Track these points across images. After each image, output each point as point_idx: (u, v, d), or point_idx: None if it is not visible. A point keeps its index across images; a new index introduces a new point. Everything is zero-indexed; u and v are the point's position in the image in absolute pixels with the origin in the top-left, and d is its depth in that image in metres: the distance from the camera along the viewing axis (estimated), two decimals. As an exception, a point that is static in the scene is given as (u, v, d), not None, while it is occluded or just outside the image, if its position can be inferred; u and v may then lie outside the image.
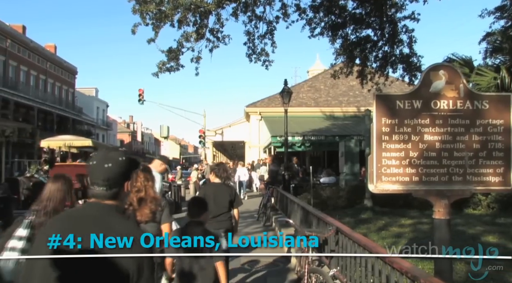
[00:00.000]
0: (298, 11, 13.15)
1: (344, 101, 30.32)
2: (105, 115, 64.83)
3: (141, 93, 32.57)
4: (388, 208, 11.95)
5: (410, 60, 13.54)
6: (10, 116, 33.86)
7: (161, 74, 12.11)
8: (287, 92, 17.08)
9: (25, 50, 41.17)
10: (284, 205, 12.07)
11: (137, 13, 10.96)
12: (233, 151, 44.99)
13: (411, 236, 8.57)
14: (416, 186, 4.34)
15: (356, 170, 16.53)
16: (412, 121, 4.38)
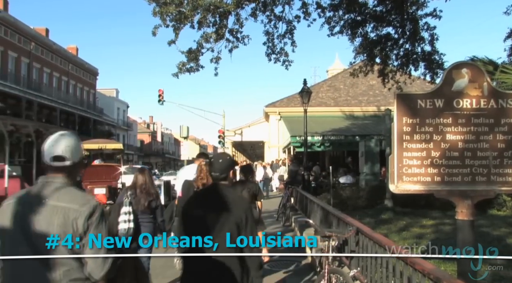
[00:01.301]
0: (319, 9, 13.09)
1: (364, 100, 30.08)
2: (125, 116, 65.60)
3: (161, 93, 32.84)
4: (409, 209, 11.80)
5: (432, 58, 13.32)
6: (34, 117, 34.53)
7: (181, 75, 12.19)
8: (306, 92, 17.01)
9: (48, 53, 41.96)
10: (303, 205, 12.02)
11: (157, 15, 11.06)
12: (252, 151, 45.06)
13: (433, 237, 8.45)
14: (438, 186, 4.27)
15: (376, 170, 16.38)
16: (434, 121, 4.31)
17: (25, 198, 2.36)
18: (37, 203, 2.28)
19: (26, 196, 2.38)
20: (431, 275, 3.25)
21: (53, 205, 2.27)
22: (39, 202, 2.28)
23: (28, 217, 2.27)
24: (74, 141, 2.45)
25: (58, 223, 2.25)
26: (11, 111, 32.13)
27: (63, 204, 2.28)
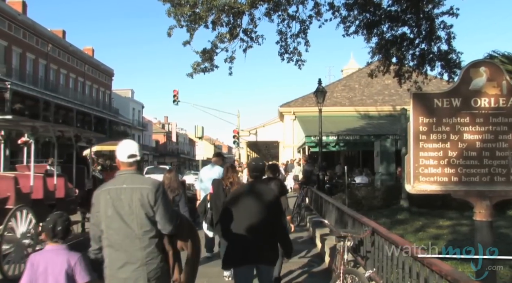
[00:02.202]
0: (332, 9, 13.02)
1: (379, 100, 29.88)
2: (140, 116, 66.16)
3: (176, 94, 33.04)
4: (426, 209, 11.67)
5: (449, 57, 13.14)
6: (51, 118, 35.00)
7: (195, 75, 12.26)
8: (321, 92, 16.96)
9: (65, 54, 42.53)
10: (318, 205, 11.98)
11: (171, 16, 11.12)
12: (267, 151, 45.07)
13: (450, 238, 8.34)
14: (456, 186, 4.22)
15: (392, 169, 16.26)
16: (451, 120, 4.26)
17: (111, 186, 3.46)
18: (119, 188, 3.39)
19: (111, 185, 3.48)
20: (449, 276, 3.20)
21: (131, 187, 3.37)
22: (120, 187, 3.39)
23: (116, 198, 3.36)
24: (137, 144, 3.69)
25: (137, 198, 3.33)
26: (29, 112, 32.61)
27: (138, 186, 3.39)
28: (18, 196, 7.57)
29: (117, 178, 3.50)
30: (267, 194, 4.63)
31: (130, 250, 3.32)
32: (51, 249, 3.37)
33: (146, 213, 3.33)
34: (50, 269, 3.25)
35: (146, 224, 3.34)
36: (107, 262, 3.38)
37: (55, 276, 3.23)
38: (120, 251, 3.33)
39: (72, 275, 3.26)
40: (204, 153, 32.35)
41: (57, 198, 8.97)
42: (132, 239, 3.32)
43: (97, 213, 3.40)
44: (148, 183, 3.45)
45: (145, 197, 3.33)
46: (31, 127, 8.50)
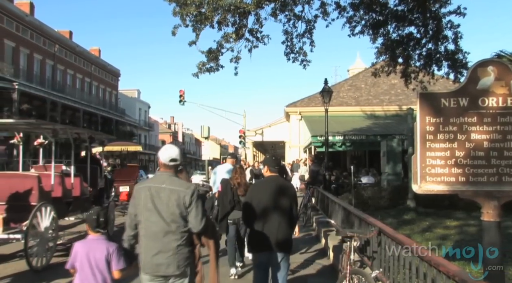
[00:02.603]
0: (338, 9, 12.98)
1: (386, 100, 29.78)
2: (147, 116, 66.34)
3: (182, 94, 33.09)
4: (432, 209, 11.60)
5: (456, 57, 13.04)
6: (58, 118, 35.18)
7: (201, 75, 12.27)
8: (327, 92, 16.92)
9: (72, 55, 42.75)
10: (324, 205, 11.96)
11: (177, 16, 11.13)
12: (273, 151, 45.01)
13: (457, 238, 8.28)
14: (463, 186, 4.20)
15: (399, 169, 16.19)
16: (458, 120, 4.24)
17: (151, 184, 3.91)
18: (159, 187, 3.82)
19: (151, 183, 3.93)
20: (456, 277, 3.18)
21: (169, 188, 3.80)
22: (160, 186, 3.82)
23: (156, 195, 3.80)
24: (179, 149, 4.05)
25: (174, 198, 3.77)
26: (36, 112, 32.80)
27: (176, 188, 3.81)
28: (41, 193, 8.14)
29: (157, 177, 4.01)
30: (289, 187, 5.35)
31: (164, 241, 3.78)
32: (93, 238, 3.87)
33: (181, 212, 3.80)
34: (92, 255, 3.74)
35: (179, 221, 3.81)
36: (142, 250, 3.85)
37: (96, 261, 3.73)
38: (155, 241, 3.79)
39: (109, 261, 3.75)
40: (210, 153, 32.35)
41: (74, 196, 9.61)
42: (167, 232, 3.79)
43: (137, 205, 3.88)
44: (185, 187, 3.90)
45: (182, 198, 3.80)
46: (52, 130, 9.17)
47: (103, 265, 3.73)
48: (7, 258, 8.62)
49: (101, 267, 3.73)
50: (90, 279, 3.71)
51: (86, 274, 3.72)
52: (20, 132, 9.91)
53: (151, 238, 3.81)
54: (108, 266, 3.75)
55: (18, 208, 7.89)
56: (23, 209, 7.76)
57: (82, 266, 3.73)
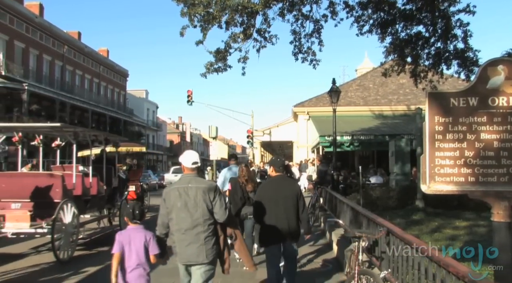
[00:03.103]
0: (347, 8, 12.92)
1: (394, 99, 29.65)
2: (155, 117, 66.55)
3: (190, 94, 33.13)
4: (441, 209, 11.54)
5: (466, 55, 12.90)
6: (66, 118, 35.41)
7: (209, 75, 12.26)
8: (335, 92, 16.85)
9: (80, 55, 43.01)
10: (333, 205, 11.93)
11: (185, 16, 11.14)
12: (281, 151, 44.98)
13: (467, 239, 8.23)
14: (472, 186, 4.16)
15: (407, 170, 16.09)
16: (468, 120, 4.21)
17: (179, 185, 4.60)
18: (186, 186, 4.53)
19: (179, 184, 4.61)
20: (466, 278, 3.15)
21: (195, 186, 4.52)
22: (187, 186, 4.54)
23: (184, 194, 4.50)
24: (197, 154, 4.85)
25: (200, 195, 4.48)
26: (45, 113, 33.05)
27: (201, 185, 4.55)
28: (64, 192, 8.88)
29: (183, 179, 4.66)
30: (294, 184, 6.21)
31: (194, 233, 4.46)
32: (132, 228, 4.51)
33: (207, 206, 4.49)
34: (133, 242, 4.39)
35: (206, 214, 4.49)
36: (176, 242, 4.53)
37: (137, 247, 4.37)
38: (186, 234, 4.47)
39: (147, 247, 4.40)
40: (218, 153, 32.39)
41: (91, 195, 10.29)
42: (195, 225, 4.46)
43: (168, 206, 4.55)
44: (208, 184, 4.67)
45: (207, 193, 4.50)
46: (73, 133, 9.90)
47: (142, 251, 4.38)
48: (32, 252, 9.40)
49: (140, 252, 4.37)
50: (131, 262, 4.35)
51: (128, 258, 4.36)
52: (20, 133, 10.34)
53: (183, 231, 4.47)
54: (146, 251, 4.39)
55: (43, 204, 8.54)
56: (48, 206, 8.45)
57: (124, 252, 4.37)
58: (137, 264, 4.36)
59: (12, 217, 8.47)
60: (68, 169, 10.61)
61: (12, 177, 8.93)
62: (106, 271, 6.84)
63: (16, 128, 10.75)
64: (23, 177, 9.38)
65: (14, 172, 10.70)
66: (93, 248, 9.79)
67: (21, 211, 8.54)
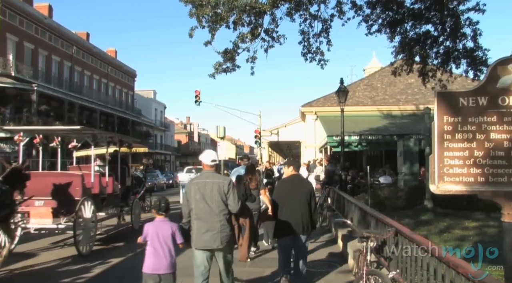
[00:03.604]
0: (354, 8, 12.88)
1: (402, 99, 29.50)
2: (163, 117, 66.73)
3: (198, 94, 33.19)
4: (450, 210, 11.45)
5: (475, 54, 12.80)
6: (75, 119, 35.63)
7: (217, 75, 12.27)
8: (343, 91, 16.82)
9: (89, 56, 43.26)
10: (340, 205, 11.90)
11: (193, 17, 11.17)
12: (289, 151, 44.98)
13: (476, 240, 8.15)
14: (482, 186, 4.13)
15: (416, 170, 16.02)
16: (477, 119, 4.18)
17: (198, 180, 5.30)
18: (204, 181, 5.21)
19: (198, 179, 5.32)
20: (476, 279, 3.13)
21: (212, 181, 5.19)
22: (205, 181, 5.22)
23: (202, 188, 5.18)
24: (215, 153, 5.56)
25: (216, 188, 5.15)
26: (54, 113, 33.28)
27: (217, 180, 5.23)
28: (84, 190, 9.55)
29: (202, 174, 5.38)
30: (308, 183, 7.20)
31: (211, 222, 5.11)
32: (159, 220, 5.07)
33: (222, 198, 5.14)
34: (160, 233, 4.93)
35: (221, 205, 5.14)
36: (194, 229, 5.18)
37: (164, 237, 4.91)
38: (203, 222, 5.11)
39: (173, 237, 4.94)
40: (226, 153, 32.42)
41: (107, 193, 10.92)
42: (212, 215, 5.12)
43: (189, 197, 5.23)
44: (223, 179, 5.39)
45: (222, 187, 5.16)
46: (92, 135, 10.64)
47: (169, 239, 4.92)
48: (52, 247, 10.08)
49: (167, 241, 4.91)
50: (159, 250, 4.88)
51: (156, 247, 4.89)
52: (40, 135, 10.96)
53: (200, 220, 5.13)
54: (173, 240, 4.94)
55: (64, 202, 9.22)
56: (69, 203, 9.15)
57: (152, 241, 4.92)
58: (166, 251, 4.89)
59: (36, 214, 9.15)
60: (84, 168, 11.28)
61: (36, 176, 9.36)
62: (125, 263, 8.44)
63: (38, 131, 11.48)
64: (46, 176, 9.98)
65: (38, 171, 11.24)
66: (110, 243, 10.47)
67: (44, 208, 9.19)
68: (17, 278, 7.53)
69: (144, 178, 14.97)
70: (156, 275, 4.86)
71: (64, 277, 7.42)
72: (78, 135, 11.69)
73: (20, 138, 10.31)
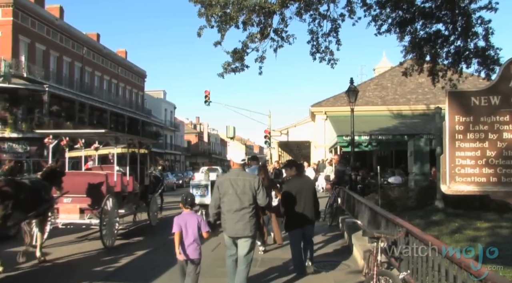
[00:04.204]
0: (364, 7, 12.80)
1: (413, 99, 29.33)
2: (172, 117, 66.97)
3: (207, 94, 33.28)
4: (462, 210, 11.33)
5: (487, 53, 12.66)
6: (86, 119, 35.89)
7: (226, 75, 12.27)
8: (353, 91, 16.75)
9: (99, 57, 43.57)
10: (351, 206, 11.85)
11: (203, 17, 11.19)
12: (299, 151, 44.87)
13: (489, 241, 8.07)
14: (494, 187, 4.09)
15: (426, 170, 15.90)
16: (489, 119, 4.14)
17: (230, 176, 6.01)
18: (236, 178, 5.91)
19: (230, 176, 6.04)
20: (489, 281, 3.09)
21: (243, 178, 5.91)
22: (237, 177, 5.92)
23: (234, 183, 5.86)
24: (244, 153, 8.06)
25: (247, 184, 5.85)
26: (65, 114, 33.57)
27: (247, 177, 5.97)
28: (108, 188, 10.35)
29: (232, 172, 6.13)
30: (311, 180, 8.85)
31: (241, 213, 5.85)
32: (187, 212, 5.80)
33: (252, 193, 5.89)
34: (189, 223, 5.65)
35: (251, 199, 5.89)
36: (226, 220, 5.93)
37: (192, 227, 5.63)
38: (235, 214, 5.86)
39: (199, 227, 5.65)
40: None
41: (128, 191, 11.69)
42: (242, 208, 5.85)
43: (221, 191, 5.93)
44: (253, 176, 6.22)
45: (252, 184, 5.91)
46: (115, 138, 11.67)
47: (196, 230, 5.63)
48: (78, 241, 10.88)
49: (194, 231, 5.63)
50: (188, 239, 5.61)
51: (185, 236, 5.61)
52: (67, 138, 11.78)
53: (232, 212, 5.85)
54: (198, 230, 5.64)
55: (90, 199, 10.03)
56: (94, 200, 9.96)
57: (182, 231, 5.61)
58: (193, 240, 5.61)
59: (64, 210, 10.04)
60: (105, 169, 12.12)
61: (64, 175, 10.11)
62: (148, 255, 9.22)
63: (65, 134, 12.47)
64: (74, 176, 10.69)
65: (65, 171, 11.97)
66: (130, 237, 11.34)
67: (72, 205, 10.05)
68: (50, 269, 8.12)
69: (162, 178, 15.85)
70: (185, 260, 5.67)
71: (94, 267, 8.15)
72: (101, 138, 12.52)
73: (50, 141, 11.24)
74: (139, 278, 7.51)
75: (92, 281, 7.18)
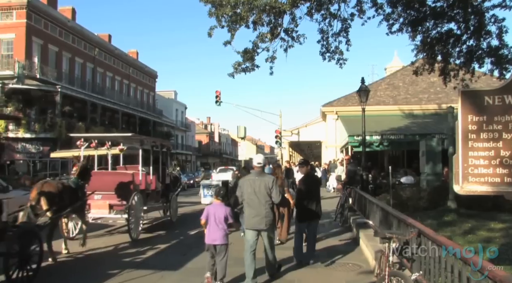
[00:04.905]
0: (375, 6, 12.71)
1: (424, 98, 29.11)
2: (183, 117, 67.20)
3: (218, 94, 33.31)
4: (475, 211, 11.20)
5: (500, 52, 12.48)
6: (97, 119, 36.15)
7: (236, 75, 12.26)
8: (364, 91, 16.65)
9: (111, 58, 43.88)
10: (362, 206, 11.79)
11: (213, 16, 11.19)
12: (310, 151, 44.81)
13: (503, 242, 7.97)
14: (509, 187, 4.05)
15: (438, 170, 15.75)
16: (504, 118, 4.09)
17: (250, 177, 7.17)
18: (254, 179, 7.03)
19: (250, 176, 7.20)
20: (503, 282, 3.05)
21: (260, 178, 7.01)
22: (255, 178, 7.04)
23: (253, 183, 6.97)
24: (263, 156, 7.56)
25: (263, 185, 6.93)
26: (77, 114, 33.84)
27: (264, 178, 7.05)
28: (134, 186, 11.45)
29: (253, 173, 7.20)
30: (318, 178, 9.55)
31: (258, 209, 6.84)
32: (217, 203, 6.78)
33: (267, 192, 6.87)
34: (217, 213, 6.61)
35: (266, 197, 6.87)
36: (246, 214, 7.09)
37: (220, 217, 6.58)
38: (253, 209, 6.88)
39: (226, 217, 6.61)
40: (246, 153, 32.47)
41: (151, 189, 12.65)
42: (259, 204, 6.84)
43: (242, 190, 7.00)
44: (268, 177, 7.16)
45: (267, 184, 6.89)
46: (140, 140, 12.62)
47: (223, 219, 6.57)
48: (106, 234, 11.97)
49: (222, 220, 6.56)
50: (215, 227, 6.56)
51: (213, 224, 6.56)
52: (96, 140, 12.96)
53: (251, 207, 6.89)
54: (225, 220, 6.58)
55: (119, 196, 11.09)
56: (122, 197, 11.04)
57: (210, 220, 6.59)
58: (221, 227, 6.55)
59: (95, 206, 11.09)
60: (129, 168, 13.26)
61: (95, 175, 11.22)
62: (171, 248, 10.15)
63: (95, 137, 13.70)
64: (103, 175, 12.05)
65: (96, 170, 12.88)
66: (153, 231, 12.41)
67: (102, 201, 11.10)
68: (85, 260, 8.99)
69: (181, 178, 17.38)
70: (213, 245, 6.54)
71: (124, 258, 9.10)
72: (126, 141, 13.73)
73: (82, 143, 12.38)
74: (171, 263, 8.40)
75: (123, 269, 7.89)
